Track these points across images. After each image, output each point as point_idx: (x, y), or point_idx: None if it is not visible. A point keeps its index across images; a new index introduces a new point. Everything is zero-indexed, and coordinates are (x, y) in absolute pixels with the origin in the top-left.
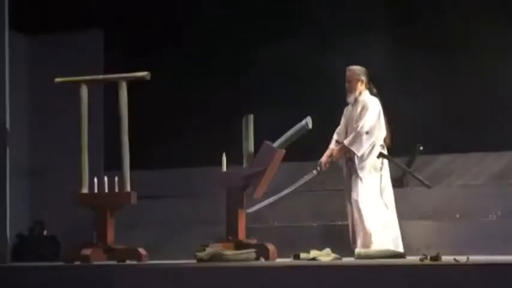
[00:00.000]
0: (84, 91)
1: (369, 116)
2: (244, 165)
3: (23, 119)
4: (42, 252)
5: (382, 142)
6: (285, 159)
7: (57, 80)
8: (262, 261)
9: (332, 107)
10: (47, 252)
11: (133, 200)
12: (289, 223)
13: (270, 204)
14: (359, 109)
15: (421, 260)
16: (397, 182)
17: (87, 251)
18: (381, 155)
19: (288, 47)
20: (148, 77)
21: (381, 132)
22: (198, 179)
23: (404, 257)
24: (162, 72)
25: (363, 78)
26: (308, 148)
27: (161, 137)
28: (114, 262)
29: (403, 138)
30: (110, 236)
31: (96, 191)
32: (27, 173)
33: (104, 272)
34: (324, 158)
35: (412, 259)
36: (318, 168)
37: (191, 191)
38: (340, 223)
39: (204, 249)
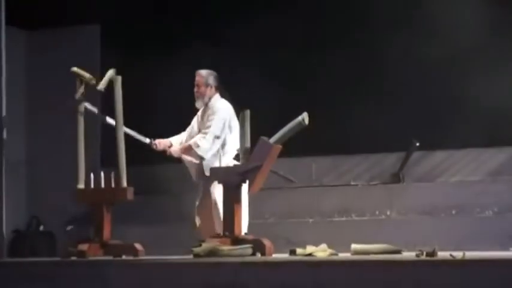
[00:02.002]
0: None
1: (217, 120)
2: (241, 161)
3: (20, 113)
4: (38, 247)
5: (236, 147)
6: (281, 155)
7: (74, 69)
8: (258, 256)
9: (329, 104)
10: (44, 248)
11: (130, 195)
12: (285, 219)
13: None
14: (208, 114)
15: (417, 255)
16: (394, 178)
17: (83, 247)
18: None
19: (285, 42)
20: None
21: (231, 137)
22: None
23: (400, 253)
24: (158, 68)
25: (212, 82)
26: (304, 144)
27: (159, 132)
28: (110, 257)
29: (399, 134)
30: (106, 232)
31: (92, 186)
32: (23, 168)
33: (100, 267)
34: (166, 142)
35: (408, 255)
36: (153, 142)
37: (188, 186)
38: (336, 219)
39: (201, 245)
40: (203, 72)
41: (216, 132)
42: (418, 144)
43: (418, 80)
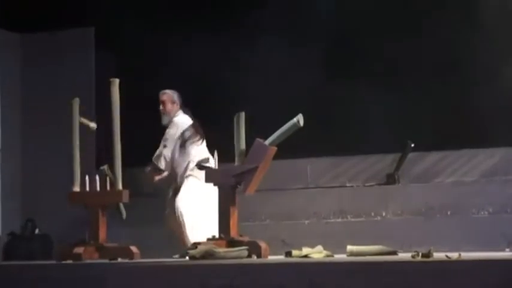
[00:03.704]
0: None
1: (167, 132)
2: (236, 162)
3: (15, 116)
4: (34, 250)
5: (200, 156)
6: (277, 156)
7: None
8: (254, 258)
9: (325, 105)
10: (39, 251)
11: (125, 198)
12: (281, 220)
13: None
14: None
15: (412, 256)
16: (389, 179)
17: (79, 249)
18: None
19: (278, 44)
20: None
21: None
22: None
23: (396, 254)
24: (153, 68)
25: (177, 99)
26: (299, 145)
27: (154, 134)
28: (106, 260)
29: (394, 135)
30: (102, 234)
31: (87, 189)
32: (18, 171)
33: (96, 270)
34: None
35: (404, 256)
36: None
37: None
38: (332, 220)
39: (196, 247)
40: (168, 91)
41: (164, 142)
42: (413, 145)
43: (413, 81)
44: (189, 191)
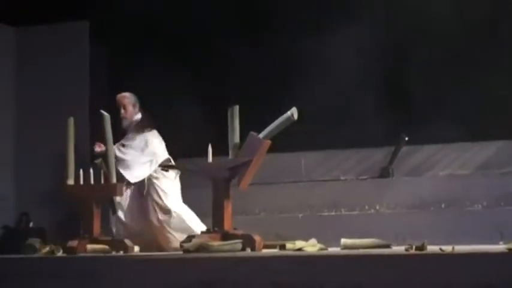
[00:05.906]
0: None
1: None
2: (230, 156)
3: (9, 109)
4: None
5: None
6: (271, 150)
7: None
8: (248, 251)
9: (318, 99)
10: None
11: (120, 192)
12: (275, 214)
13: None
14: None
15: (406, 249)
16: (383, 172)
17: (73, 243)
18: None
19: (272, 36)
20: None
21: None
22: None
23: (390, 247)
24: (148, 63)
25: (137, 102)
26: (293, 139)
27: None
28: (100, 254)
29: (388, 128)
30: (96, 228)
31: (82, 182)
32: (13, 164)
33: (90, 263)
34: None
35: (398, 249)
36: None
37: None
38: (325, 214)
39: (190, 240)
40: (127, 94)
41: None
42: (407, 138)
43: (406, 75)
44: (174, 190)
